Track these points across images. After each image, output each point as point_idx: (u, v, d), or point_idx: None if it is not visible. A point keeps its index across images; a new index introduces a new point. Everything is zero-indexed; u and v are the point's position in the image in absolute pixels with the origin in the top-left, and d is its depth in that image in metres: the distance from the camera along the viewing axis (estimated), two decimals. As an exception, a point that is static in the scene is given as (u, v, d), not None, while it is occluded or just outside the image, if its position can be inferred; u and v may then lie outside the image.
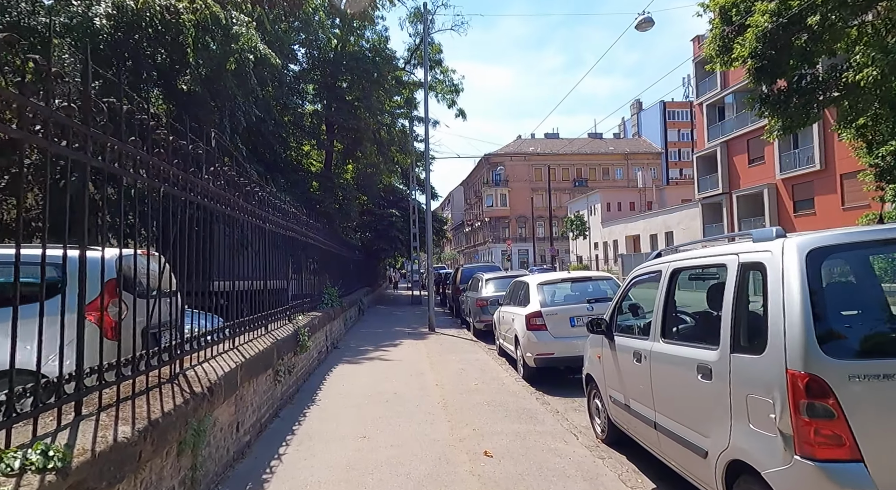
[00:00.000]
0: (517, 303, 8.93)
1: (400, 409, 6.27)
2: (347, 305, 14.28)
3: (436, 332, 14.24)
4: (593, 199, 59.53)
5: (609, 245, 54.93)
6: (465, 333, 14.16)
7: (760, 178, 31.36)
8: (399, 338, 13.28)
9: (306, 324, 7.66)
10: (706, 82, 37.11)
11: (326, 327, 9.98)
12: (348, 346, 11.72)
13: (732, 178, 34.21)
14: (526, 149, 76.79)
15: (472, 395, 6.99)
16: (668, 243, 44.03)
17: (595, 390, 5.25)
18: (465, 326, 15.98)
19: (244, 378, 4.57)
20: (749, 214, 32.50)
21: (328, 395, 7.04)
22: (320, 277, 12.84)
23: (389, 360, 10.01)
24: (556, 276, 8.63)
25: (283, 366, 5.98)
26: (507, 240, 68.50)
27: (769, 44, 11.41)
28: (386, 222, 26.44)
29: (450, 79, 27.48)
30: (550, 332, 7.61)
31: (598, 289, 8.30)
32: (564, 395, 7.23)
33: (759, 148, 31.74)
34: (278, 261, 7.81)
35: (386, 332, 14.54)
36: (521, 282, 9.32)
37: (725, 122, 35.03)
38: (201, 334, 4.28)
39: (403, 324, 16.86)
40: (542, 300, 7.92)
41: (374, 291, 28.62)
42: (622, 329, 4.64)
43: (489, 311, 12.91)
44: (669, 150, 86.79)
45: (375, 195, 27.45)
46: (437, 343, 12.24)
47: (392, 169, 31.22)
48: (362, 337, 13.55)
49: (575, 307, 7.71)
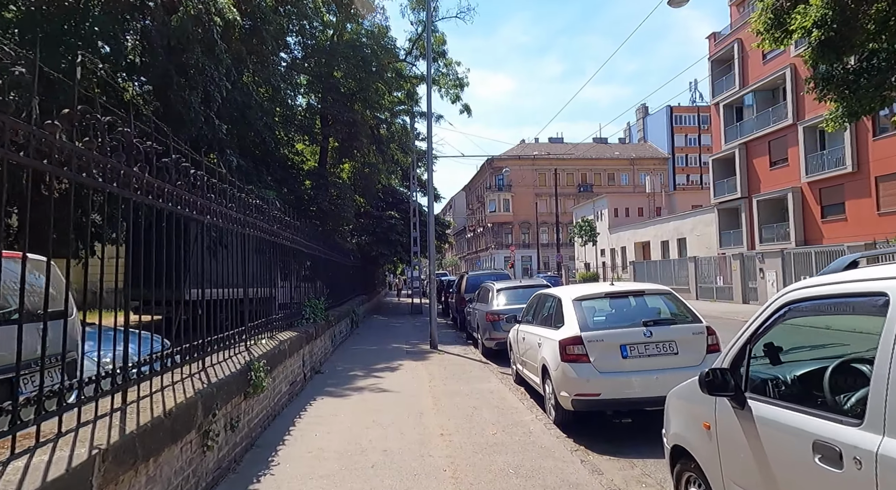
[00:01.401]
0: (544, 322, 7.01)
1: (391, 484, 4.36)
2: (336, 319, 12.37)
3: (438, 351, 12.31)
4: (600, 205, 57.60)
5: (617, 252, 52.96)
6: (471, 352, 12.25)
7: (784, 181, 29.44)
8: (396, 357, 11.36)
9: (266, 354, 5.71)
10: (723, 82, 35.27)
11: (304, 350, 8.07)
12: (334, 370, 9.80)
13: (752, 181, 32.29)
14: (530, 153, 75.02)
15: (492, 453, 5.07)
16: (680, 251, 42.07)
17: (695, 476, 3.34)
18: (471, 342, 14.05)
19: (121, 466, 2.67)
20: (771, 220, 30.58)
21: (292, 454, 5.10)
22: (307, 286, 11.10)
23: (382, 390, 8.08)
24: (597, 290, 6.68)
25: (217, 422, 4.07)
26: (511, 246, 66.68)
27: (839, 11, 9.55)
28: (385, 225, 24.47)
29: (454, 72, 25.70)
30: (595, 366, 5.67)
31: (652, 306, 6.39)
32: (617, 452, 5.30)
33: (781, 149, 29.87)
34: (252, 268, 5.98)
35: (381, 350, 12.61)
36: (548, 295, 7.40)
37: (744, 122, 33.14)
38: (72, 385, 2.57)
39: (401, 339, 14.93)
40: (582, 321, 5.98)
41: (372, 299, 26.68)
42: (769, 391, 2.72)
43: (502, 327, 11.01)
44: (676, 155, 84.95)
45: (374, 196, 25.53)
46: (441, 365, 10.32)
47: (392, 169, 29.37)
48: (353, 356, 11.63)
49: (627, 332, 5.77)
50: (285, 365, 6.55)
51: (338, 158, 24.48)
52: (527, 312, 8.34)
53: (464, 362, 10.74)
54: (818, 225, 27.29)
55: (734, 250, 31.76)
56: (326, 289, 14.19)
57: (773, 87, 30.97)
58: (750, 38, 33.05)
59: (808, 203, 28.02)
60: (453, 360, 11.08)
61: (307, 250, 10.50)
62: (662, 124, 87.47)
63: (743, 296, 24.35)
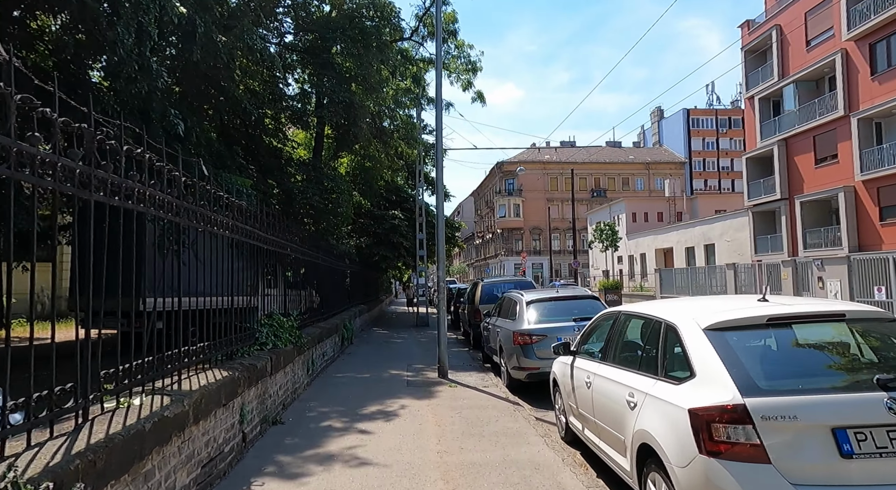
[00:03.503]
0: (634, 364, 4.11)
1: None
2: (315, 339, 9.50)
3: (449, 381, 9.39)
4: (617, 209, 54.50)
5: (636, 259, 49.81)
6: (492, 382, 9.32)
7: (832, 180, 26.33)
8: (393, 393, 8.45)
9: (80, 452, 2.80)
10: (758, 73, 32.29)
11: (242, 399, 5.19)
12: (302, 417, 6.89)
13: (793, 181, 29.20)
14: (541, 157, 72.06)
15: None
16: (707, 257, 38.94)
17: None
18: (489, 366, 11.13)
19: None
20: (817, 223, 27.47)
21: None
22: (293, 295, 8.68)
23: (364, 462, 5.18)
24: (753, 311, 3.75)
25: None
26: (522, 252, 63.66)
27: None
28: (387, 225, 21.50)
29: (466, 55, 22.93)
30: (781, 470, 2.76)
31: (840, 340, 3.48)
32: None
33: (829, 144, 26.80)
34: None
35: (374, 380, 9.71)
36: (637, 317, 4.44)
37: (784, 116, 30.08)
38: None
39: (402, 361, 12.00)
40: (741, 375, 3.06)
41: (373, 310, 23.77)
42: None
43: (534, 354, 8.14)
44: (694, 159, 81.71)
45: (376, 194, 22.68)
46: (453, 409, 7.40)
47: (396, 166, 26.59)
48: (334, 391, 8.73)
49: (848, 401, 2.88)
50: (184, 440, 3.69)
51: (335, 150, 21.72)
52: (587, 339, 5.43)
53: (484, 402, 7.81)
54: (876, 228, 24.16)
55: (772, 257, 28.65)
56: (317, 297, 11.58)
57: (819, 77, 27.95)
58: (790, 24, 30.18)
59: (864, 204, 24.89)
60: (470, 397, 8.16)
61: (287, 252, 7.78)
62: (678, 128, 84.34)
63: (796, 308, 21.18)
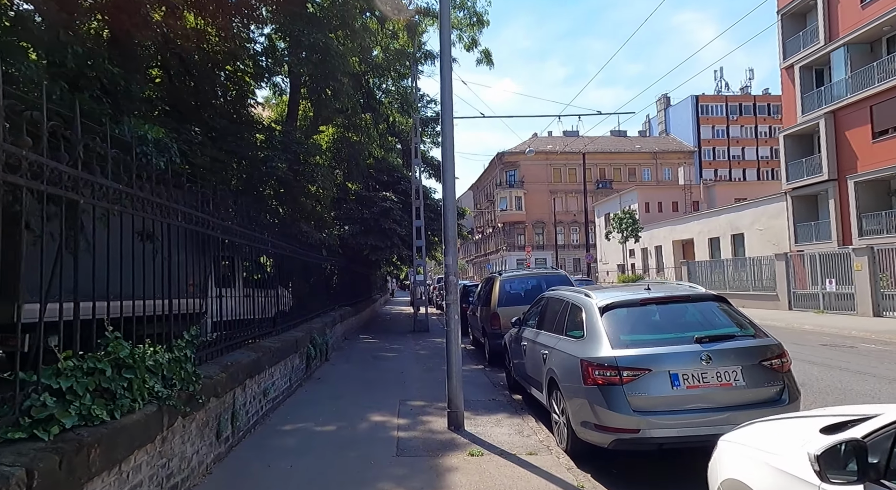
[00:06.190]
0: None
1: None
2: (248, 370, 5.71)
3: (467, 442, 5.63)
4: (628, 199, 50.76)
5: (650, 252, 46.09)
6: (538, 440, 5.57)
7: (895, 156, 22.70)
8: (366, 484, 4.71)
9: None
10: (797, 39, 28.54)
11: None
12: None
13: (844, 159, 25.49)
14: (543, 147, 68.09)
15: None
16: (734, 248, 35.28)
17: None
18: (520, 398, 7.36)
19: None
20: (876, 206, 23.80)
21: None
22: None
23: None
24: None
25: None
26: (527, 247, 59.87)
27: None
28: (377, 209, 17.61)
29: (470, 6, 19.12)
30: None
31: None
32: None
33: (891, 115, 23.10)
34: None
35: (340, 445, 5.89)
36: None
37: (832, 84, 26.38)
38: None
39: (392, 393, 8.17)
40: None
41: (362, 312, 19.98)
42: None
43: (626, 401, 4.37)
44: (703, 148, 78.02)
45: (363, 172, 18.86)
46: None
47: (388, 144, 22.78)
48: (261, 480, 4.97)
49: None
50: None
51: (313, 120, 17.91)
52: None
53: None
54: (954, 211, 20.53)
55: (816, 247, 25.02)
56: (290, 297, 7.99)
57: (876, 37, 24.24)
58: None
59: (938, 182, 21.25)
60: (510, 484, 4.41)
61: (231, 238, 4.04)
62: (686, 115, 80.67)
63: (874, 306, 17.56)
